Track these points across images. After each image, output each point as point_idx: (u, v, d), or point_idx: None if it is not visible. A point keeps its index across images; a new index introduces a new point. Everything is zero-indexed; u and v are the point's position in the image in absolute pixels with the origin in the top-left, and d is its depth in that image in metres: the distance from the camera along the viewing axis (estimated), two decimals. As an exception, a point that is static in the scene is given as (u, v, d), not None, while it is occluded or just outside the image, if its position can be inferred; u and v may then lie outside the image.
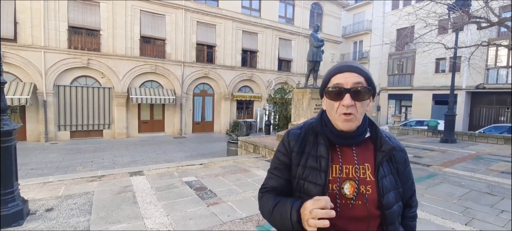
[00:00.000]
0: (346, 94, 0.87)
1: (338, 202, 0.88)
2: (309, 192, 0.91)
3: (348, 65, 0.92)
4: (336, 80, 0.91)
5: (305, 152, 0.97)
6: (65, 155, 9.49)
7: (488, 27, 8.98)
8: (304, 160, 0.96)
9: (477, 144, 10.75)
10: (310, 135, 1.00)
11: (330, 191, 0.90)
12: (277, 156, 1.04)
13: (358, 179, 0.90)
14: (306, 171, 0.94)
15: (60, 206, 3.62)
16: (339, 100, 0.89)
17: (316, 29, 8.25)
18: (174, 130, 15.45)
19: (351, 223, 0.89)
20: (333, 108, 0.91)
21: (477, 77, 16.23)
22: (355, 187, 0.89)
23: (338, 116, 0.90)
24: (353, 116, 0.88)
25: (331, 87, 0.92)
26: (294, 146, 0.99)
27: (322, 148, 0.94)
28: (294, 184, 0.97)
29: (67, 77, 12.49)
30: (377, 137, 0.97)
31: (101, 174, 5.17)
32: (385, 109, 22.27)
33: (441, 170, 6.19)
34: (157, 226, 3.14)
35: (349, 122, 0.89)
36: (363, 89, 0.89)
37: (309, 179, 0.92)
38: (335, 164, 0.93)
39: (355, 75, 0.90)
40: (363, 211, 0.88)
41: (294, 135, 1.01)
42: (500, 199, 4.31)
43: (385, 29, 21.26)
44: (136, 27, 13.65)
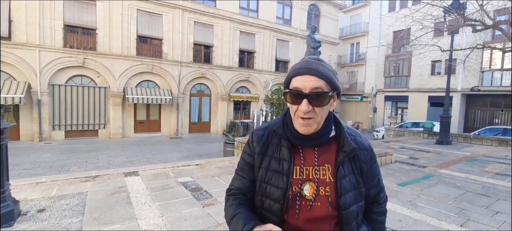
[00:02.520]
0: (303, 100, 0.84)
1: (297, 204, 0.89)
2: (271, 195, 0.91)
3: (307, 68, 0.86)
4: (295, 83, 0.87)
5: (267, 154, 0.96)
6: (59, 155, 9.37)
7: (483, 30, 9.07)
8: (266, 163, 0.95)
9: (472, 146, 10.84)
10: (273, 137, 0.97)
11: (291, 193, 0.89)
12: (243, 156, 1.02)
13: (317, 180, 0.90)
14: (269, 174, 0.93)
15: (52, 207, 3.56)
16: (297, 104, 0.86)
17: (313, 30, 8.26)
18: (171, 130, 15.36)
19: (311, 224, 0.88)
20: (292, 111, 0.90)
21: (472, 80, 16.40)
22: (314, 188, 0.89)
23: (296, 118, 0.89)
24: (312, 120, 0.86)
25: (290, 90, 0.89)
26: (256, 146, 0.97)
27: (285, 150, 0.93)
28: (257, 187, 0.96)
29: (62, 76, 12.35)
30: (340, 136, 0.94)
31: (95, 174, 5.11)
32: (382, 111, 22.38)
33: (437, 171, 6.22)
34: (151, 227, 3.10)
35: (306, 126, 0.87)
36: (322, 95, 0.85)
37: (271, 182, 0.92)
38: (297, 166, 0.92)
39: (314, 79, 0.85)
40: (321, 211, 0.88)
41: (257, 136, 0.99)
42: (495, 200, 4.33)
43: (382, 31, 21.39)
44: (132, 26, 13.56)
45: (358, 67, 24.47)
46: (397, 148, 9.51)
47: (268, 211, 0.92)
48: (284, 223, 0.90)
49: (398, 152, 8.59)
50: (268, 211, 0.92)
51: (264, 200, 0.93)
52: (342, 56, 25.57)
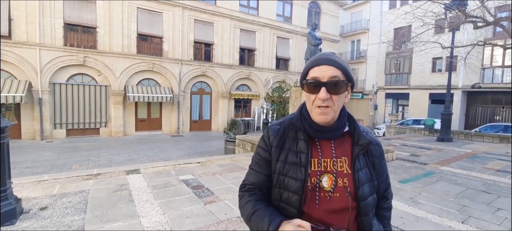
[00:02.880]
0: (322, 88, 0.89)
1: (317, 195, 0.90)
2: (289, 187, 0.92)
3: (325, 58, 0.92)
4: (313, 74, 0.92)
5: (284, 147, 0.98)
6: (61, 153, 9.40)
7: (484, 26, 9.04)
8: (284, 156, 0.96)
9: (473, 143, 10.83)
10: (290, 131, 1.00)
11: (310, 184, 0.91)
12: (258, 151, 1.03)
13: (336, 172, 0.92)
14: (286, 166, 0.95)
15: (54, 205, 3.57)
16: (315, 93, 0.90)
17: (314, 27, 8.24)
18: (172, 128, 15.38)
19: (331, 215, 0.90)
20: (310, 101, 0.93)
21: (473, 77, 16.35)
22: (333, 180, 0.91)
23: (314, 108, 0.92)
24: (330, 108, 0.90)
25: (308, 80, 0.93)
26: (273, 140, 0.99)
27: (302, 143, 0.95)
28: (274, 180, 0.97)
29: (63, 75, 12.36)
30: (355, 131, 0.99)
31: (97, 172, 5.12)
32: (383, 109, 22.36)
33: (438, 168, 6.22)
34: (153, 225, 3.11)
35: (324, 114, 0.90)
36: (339, 83, 0.90)
37: (289, 175, 0.93)
38: (315, 158, 0.94)
39: (331, 68, 0.90)
40: (340, 203, 0.90)
41: (273, 130, 1.01)
42: (496, 197, 4.33)
43: (383, 28, 21.31)
44: (133, 24, 13.54)
45: (359, 65, 24.42)
46: (398, 145, 9.51)
47: (287, 203, 0.93)
48: (303, 215, 0.91)
49: (399, 149, 8.59)
50: (286, 203, 0.93)
51: (282, 192, 0.94)
52: (342, 54, 25.49)
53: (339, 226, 0.89)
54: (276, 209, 0.95)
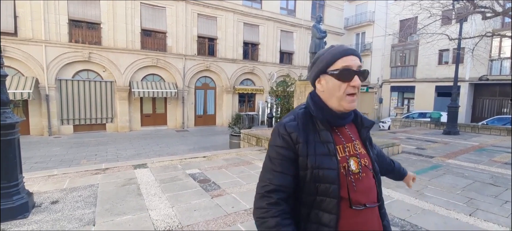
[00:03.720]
0: (355, 76, 0.95)
1: (351, 178, 0.94)
2: (325, 179, 0.92)
3: (353, 49, 0.98)
4: (344, 63, 0.95)
5: (309, 140, 0.95)
6: (69, 149, 9.54)
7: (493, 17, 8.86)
8: (312, 149, 0.94)
9: (480, 136, 10.72)
10: (308, 123, 0.99)
11: (343, 171, 0.94)
12: (278, 151, 0.96)
13: (358, 154, 0.99)
14: (318, 158, 0.93)
15: (65, 199, 3.64)
16: (347, 81, 0.94)
17: (318, 20, 8.15)
18: (177, 123, 15.48)
19: (365, 194, 0.96)
20: (340, 90, 0.95)
21: (480, 69, 16.09)
22: (358, 162, 0.97)
23: (344, 96, 0.95)
24: (356, 95, 0.98)
25: (340, 69, 0.95)
26: (297, 137, 0.95)
27: (325, 133, 0.97)
28: (307, 176, 0.94)
29: (69, 71, 12.48)
30: (356, 115, 1.08)
31: (105, 167, 5.19)
32: (388, 102, 22.17)
33: (444, 161, 6.18)
34: (162, 218, 3.16)
35: (354, 102, 0.97)
36: (365, 71, 0.98)
37: (324, 166, 0.92)
38: (339, 144, 0.98)
39: (357, 59, 0.97)
40: (369, 181, 0.98)
41: (292, 126, 0.96)
42: (504, 190, 4.30)
43: (388, 20, 21.01)
44: (136, 20, 13.56)
45: (364, 58, 24.13)
46: (403, 138, 9.45)
47: (325, 195, 0.92)
48: (342, 200, 0.92)
49: (405, 142, 8.54)
50: (324, 195, 0.92)
51: (319, 185, 0.92)
52: (347, 47, 25.23)
53: (372, 201, 0.97)
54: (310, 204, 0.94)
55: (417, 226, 3.05)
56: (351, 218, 0.92)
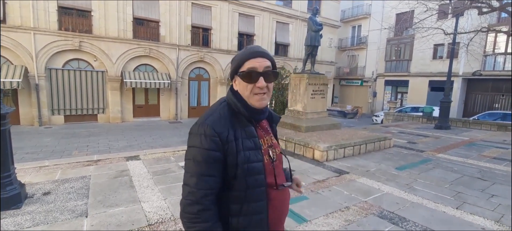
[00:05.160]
0: (260, 78, 1.01)
1: (273, 167, 1.08)
2: (254, 171, 1.00)
3: (260, 51, 1.03)
4: (250, 65, 1.01)
5: (238, 137, 1.00)
6: (60, 139, 9.42)
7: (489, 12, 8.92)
8: (240, 145, 0.99)
9: (471, 130, 10.92)
10: (233, 120, 1.03)
11: (267, 161, 1.07)
12: (205, 154, 0.94)
13: (273, 145, 1.13)
14: (246, 154, 0.99)
15: (57, 190, 3.62)
16: (253, 82, 1.01)
17: (315, 12, 8.09)
18: (170, 115, 15.37)
19: (280, 178, 1.12)
20: (248, 89, 1.03)
21: (474, 64, 16.27)
22: (274, 151, 1.11)
23: (252, 95, 1.03)
24: (266, 94, 1.04)
25: (246, 70, 1.01)
26: (227, 135, 0.97)
27: (250, 128, 1.05)
28: (238, 172, 0.97)
29: (59, 60, 12.20)
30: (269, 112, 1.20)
31: (97, 158, 5.15)
32: (381, 96, 22.35)
33: (435, 155, 6.30)
34: (155, 210, 3.16)
35: (263, 100, 1.04)
36: (272, 73, 1.04)
37: (252, 160, 1.00)
38: (261, 138, 1.09)
39: (265, 60, 1.03)
40: (281, 166, 1.17)
41: (221, 126, 0.97)
42: (491, 184, 4.41)
43: (385, 14, 21.00)
44: (128, 8, 13.25)
45: (359, 51, 24.20)
46: (396, 132, 9.57)
47: (254, 186, 1.00)
48: (268, 186, 1.05)
49: (397, 136, 8.66)
50: (254, 186, 1.00)
51: (248, 178, 0.98)
52: (342, 40, 25.22)
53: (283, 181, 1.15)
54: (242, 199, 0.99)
55: (405, 219, 3.11)
56: (275, 199, 1.07)
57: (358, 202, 3.55)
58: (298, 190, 1.28)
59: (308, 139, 6.04)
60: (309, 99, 7.36)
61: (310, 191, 3.87)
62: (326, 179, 4.42)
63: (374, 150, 6.53)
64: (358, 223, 2.99)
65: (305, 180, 4.34)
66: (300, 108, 7.50)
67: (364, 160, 5.67)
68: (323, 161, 5.45)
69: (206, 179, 0.94)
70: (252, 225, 1.00)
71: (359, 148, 6.18)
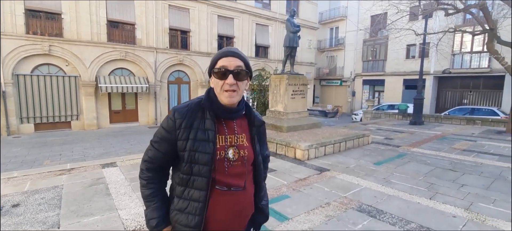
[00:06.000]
0: (229, 75, 1.06)
1: (225, 164, 1.11)
2: (199, 160, 1.07)
3: (232, 51, 1.10)
4: (221, 63, 1.08)
5: (193, 127, 1.10)
6: (30, 149, 8.87)
7: (454, 13, 9.46)
8: (193, 134, 1.08)
9: (443, 125, 11.52)
10: (198, 112, 1.13)
11: (218, 157, 1.10)
12: (160, 131, 1.14)
13: (238, 146, 1.14)
14: (196, 143, 1.07)
15: (26, 202, 3.41)
16: (224, 79, 1.07)
17: (292, 14, 8.20)
18: (149, 120, 14.96)
19: (232, 178, 1.13)
20: (219, 86, 1.09)
21: (444, 63, 17.23)
22: (236, 152, 1.13)
23: (222, 92, 1.08)
24: (235, 92, 1.09)
25: (217, 68, 1.08)
26: (182, 122, 1.09)
27: (209, 122, 1.11)
28: (185, 157, 1.08)
29: (27, 65, 11.51)
30: (250, 114, 1.23)
31: (70, 167, 4.90)
32: (360, 95, 23.07)
33: (410, 150, 6.57)
34: (133, 217, 3.04)
35: (232, 97, 1.08)
36: (242, 72, 1.09)
37: (199, 150, 1.07)
38: (221, 135, 1.13)
39: (237, 59, 1.09)
40: (241, 168, 1.14)
41: (180, 113, 1.10)
42: (461, 175, 4.67)
43: (360, 15, 21.72)
44: (101, 10, 12.77)
45: (338, 52, 24.85)
46: (373, 129, 9.90)
47: (198, 175, 1.07)
48: (213, 181, 1.09)
49: (375, 133, 8.96)
50: (197, 175, 1.08)
51: (193, 166, 1.07)
52: (321, 41, 25.80)
53: (237, 185, 1.13)
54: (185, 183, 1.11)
55: (382, 211, 3.21)
56: (219, 196, 1.10)
57: (338, 198, 3.62)
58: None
59: (290, 139, 6.10)
60: (290, 100, 7.44)
61: (292, 190, 3.89)
62: (307, 177, 4.48)
63: (353, 147, 6.71)
64: (338, 218, 3.05)
65: (287, 179, 4.37)
66: (281, 109, 7.56)
67: (344, 157, 5.80)
68: (305, 159, 5.52)
69: (152, 150, 1.16)
70: (188, 209, 1.08)
71: (339, 145, 6.32)
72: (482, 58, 16.06)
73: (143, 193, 1.17)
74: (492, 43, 8.96)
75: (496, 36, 8.88)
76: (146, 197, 1.16)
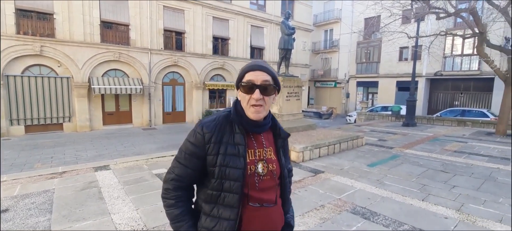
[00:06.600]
0: (256, 90, 1.04)
1: (256, 179, 1.07)
2: (230, 176, 1.03)
3: (259, 65, 1.08)
4: (248, 77, 1.06)
5: (223, 141, 1.06)
6: (20, 152, 8.70)
7: (445, 17, 9.63)
8: (223, 149, 1.05)
9: (435, 127, 11.70)
10: (226, 125, 1.10)
11: (249, 172, 1.06)
12: (188, 146, 1.09)
13: (266, 160, 1.12)
14: (227, 158, 1.04)
15: (16, 207, 3.33)
16: (250, 94, 1.05)
17: (287, 16, 8.24)
18: (143, 121, 14.82)
19: (264, 193, 1.10)
20: (245, 100, 1.07)
21: (435, 65, 17.51)
22: (265, 166, 1.10)
23: (249, 106, 1.06)
24: (262, 107, 1.06)
25: (244, 82, 1.07)
26: (211, 137, 1.06)
27: (239, 136, 1.08)
28: (215, 172, 1.05)
29: (18, 66, 11.30)
30: (275, 126, 1.20)
31: (62, 170, 4.82)
32: (354, 96, 23.27)
33: (403, 151, 6.65)
34: (126, 221, 3.01)
35: (258, 113, 1.06)
36: (269, 87, 1.07)
37: (230, 165, 1.03)
38: (251, 149, 1.10)
39: (264, 74, 1.06)
40: (270, 182, 1.11)
41: (208, 127, 1.07)
42: (452, 176, 4.74)
43: (354, 18, 21.94)
44: (95, 11, 12.63)
45: (332, 54, 25.03)
46: (367, 131, 10.00)
47: (228, 191, 1.04)
48: (246, 197, 1.06)
49: (369, 135, 9.04)
50: (228, 191, 1.04)
51: (224, 182, 1.04)
52: (316, 43, 25.97)
53: (269, 200, 1.10)
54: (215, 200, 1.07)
55: (376, 213, 3.24)
56: (252, 212, 1.06)
57: (333, 200, 3.64)
58: None
59: (284, 141, 6.10)
60: (285, 102, 7.47)
61: (286, 192, 3.90)
62: (302, 179, 4.49)
63: (347, 149, 6.76)
64: (332, 220, 3.06)
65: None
66: (275, 110, 7.58)
67: (338, 159, 5.84)
68: (299, 161, 5.54)
69: (180, 167, 1.10)
70: (217, 228, 1.04)
71: (333, 147, 6.37)
72: (472, 61, 16.38)
73: (172, 213, 1.10)
74: (482, 47, 9.15)
75: (486, 40, 9.06)
76: (177, 217, 1.09)
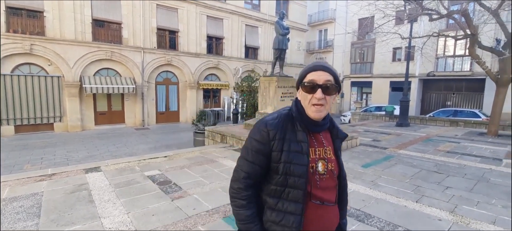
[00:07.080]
0: (318, 89, 1.06)
1: (317, 177, 1.10)
2: (295, 172, 1.06)
3: (322, 65, 1.10)
4: (311, 77, 1.09)
5: (286, 138, 1.09)
6: (9, 152, 8.49)
7: (438, 19, 9.73)
8: (287, 146, 1.08)
9: (428, 127, 11.81)
10: (288, 123, 1.13)
11: (311, 169, 1.09)
12: (254, 144, 1.12)
13: (326, 159, 1.14)
14: (291, 155, 1.07)
15: (4, 210, 3.23)
16: (312, 93, 1.07)
17: (281, 16, 8.21)
18: (136, 121, 14.64)
19: (324, 192, 1.12)
20: (307, 99, 1.09)
21: (428, 66, 17.72)
22: (325, 165, 1.13)
23: (310, 106, 1.09)
24: (323, 107, 1.08)
25: (306, 82, 1.09)
26: (275, 134, 1.09)
27: (302, 134, 1.11)
28: (280, 168, 1.08)
29: (7, 65, 11.03)
30: (333, 126, 1.23)
31: (51, 172, 4.70)
32: (348, 97, 23.40)
33: (396, 152, 6.68)
34: (116, 226, 2.93)
35: (319, 112, 1.08)
36: (331, 86, 1.08)
37: (295, 162, 1.06)
38: (312, 147, 1.12)
39: (326, 74, 1.08)
40: (330, 182, 1.14)
41: (273, 125, 1.10)
42: (446, 177, 4.77)
43: (348, 19, 22.05)
44: (86, 9, 12.41)
45: (326, 54, 25.13)
46: (361, 131, 10.04)
47: (293, 187, 1.07)
48: (308, 194, 1.09)
49: (363, 135, 9.08)
50: (292, 187, 1.07)
51: (289, 178, 1.07)
52: (310, 43, 26.03)
53: (329, 199, 1.13)
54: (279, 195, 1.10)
55: (370, 215, 3.23)
56: (313, 209, 1.10)
57: (327, 202, 3.61)
58: None
59: (279, 141, 6.07)
60: (279, 102, 7.44)
61: (280, 194, 3.86)
62: (296, 181, 4.46)
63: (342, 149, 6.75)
64: (327, 223, 3.03)
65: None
66: (270, 111, 7.54)
67: (332, 160, 5.82)
68: (294, 162, 5.50)
69: (248, 164, 1.12)
70: (284, 222, 1.07)
71: (327, 148, 6.35)
72: (464, 61, 16.62)
73: (242, 213, 1.11)
74: (474, 48, 9.26)
75: (477, 41, 9.18)
76: (246, 218, 1.11)
